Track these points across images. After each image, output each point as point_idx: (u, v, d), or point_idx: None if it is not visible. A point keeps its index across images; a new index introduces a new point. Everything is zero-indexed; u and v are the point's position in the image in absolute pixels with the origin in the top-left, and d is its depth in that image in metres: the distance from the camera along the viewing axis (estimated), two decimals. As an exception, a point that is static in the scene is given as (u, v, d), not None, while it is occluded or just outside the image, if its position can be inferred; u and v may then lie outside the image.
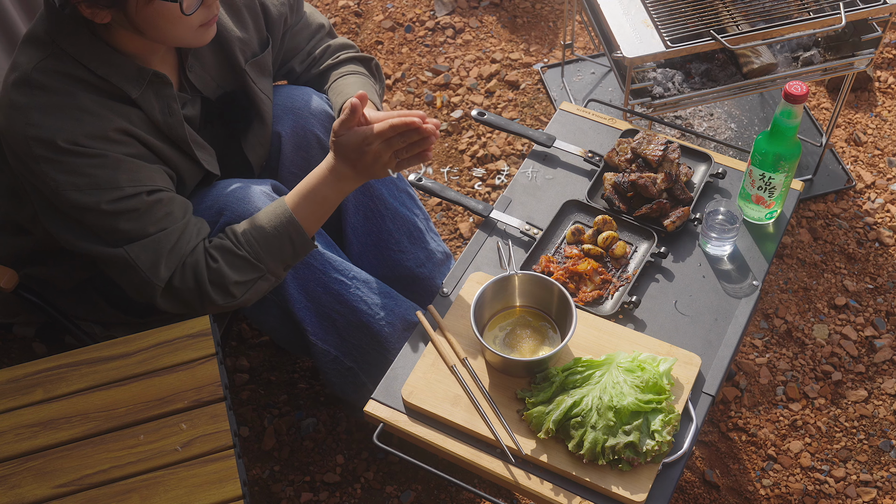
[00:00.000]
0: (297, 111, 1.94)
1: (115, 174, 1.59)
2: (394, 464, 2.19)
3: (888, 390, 2.31)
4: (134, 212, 1.60)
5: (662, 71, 2.35)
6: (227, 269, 1.64)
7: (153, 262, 1.62)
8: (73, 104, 1.57)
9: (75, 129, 1.56)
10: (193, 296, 1.65)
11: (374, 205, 2.02)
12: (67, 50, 1.57)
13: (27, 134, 1.55)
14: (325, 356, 1.92)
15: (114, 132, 1.60)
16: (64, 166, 1.56)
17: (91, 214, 1.58)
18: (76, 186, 1.56)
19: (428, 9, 3.24)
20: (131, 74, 1.62)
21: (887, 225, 2.62)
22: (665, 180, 1.82)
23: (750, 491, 2.17)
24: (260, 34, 1.87)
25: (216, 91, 1.82)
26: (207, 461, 1.47)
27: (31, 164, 1.56)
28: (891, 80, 2.96)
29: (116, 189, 1.58)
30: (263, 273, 1.67)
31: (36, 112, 1.55)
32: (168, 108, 1.68)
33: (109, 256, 1.62)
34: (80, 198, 1.57)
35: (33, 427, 1.51)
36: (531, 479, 1.51)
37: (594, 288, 1.73)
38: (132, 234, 1.61)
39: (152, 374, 1.56)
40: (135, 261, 1.61)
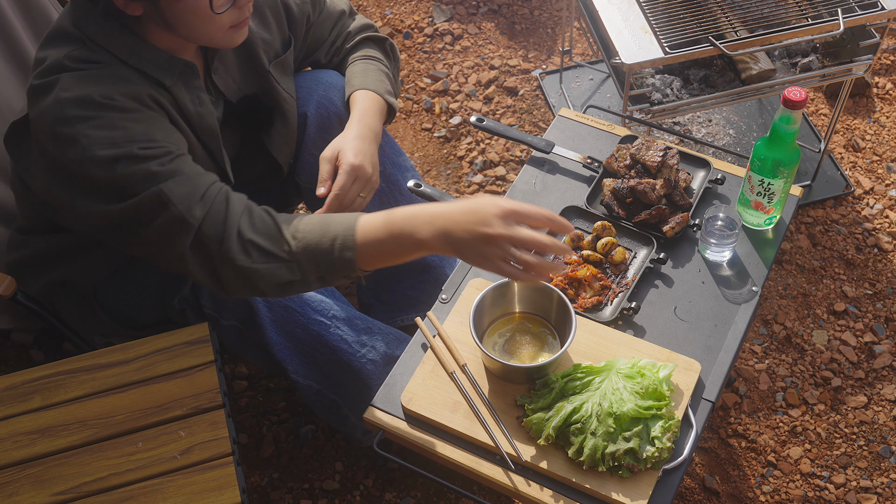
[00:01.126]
0: (320, 92, 1.95)
1: (150, 129, 1.54)
2: (393, 471, 2.19)
3: (888, 396, 2.30)
4: (167, 156, 1.53)
5: (661, 77, 2.35)
6: (260, 226, 1.51)
7: (188, 195, 1.50)
8: (108, 72, 1.55)
9: (111, 88, 1.53)
10: (216, 250, 1.50)
11: (389, 189, 2.03)
12: (99, 42, 1.56)
13: (60, 98, 1.50)
14: (308, 390, 1.92)
15: (148, 97, 1.57)
16: (100, 121, 1.50)
17: (123, 163, 1.49)
18: (111, 140, 1.49)
19: (426, 15, 3.24)
20: (163, 64, 1.61)
21: (886, 230, 2.62)
22: (664, 186, 1.82)
23: (750, 497, 2.16)
24: (282, 34, 1.88)
25: (237, 94, 1.82)
26: (206, 468, 1.46)
27: (64, 128, 1.49)
28: (889, 86, 2.96)
29: (151, 140, 1.53)
30: (291, 260, 1.49)
31: (68, 79, 1.52)
32: (198, 99, 1.68)
33: (141, 202, 1.50)
34: (114, 150, 1.49)
35: (31, 434, 1.51)
36: (531, 486, 1.51)
37: (593, 294, 1.73)
38: (166, 175, 1.51)
39: (151, 382, 1.56)
40: (168, 195, 1.49)
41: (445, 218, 1.42)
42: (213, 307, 1.80)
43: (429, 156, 2.86)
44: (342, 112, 1.95)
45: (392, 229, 1.45)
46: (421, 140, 2.90)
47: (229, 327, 1.82)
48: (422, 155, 2.86)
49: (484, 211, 1.38)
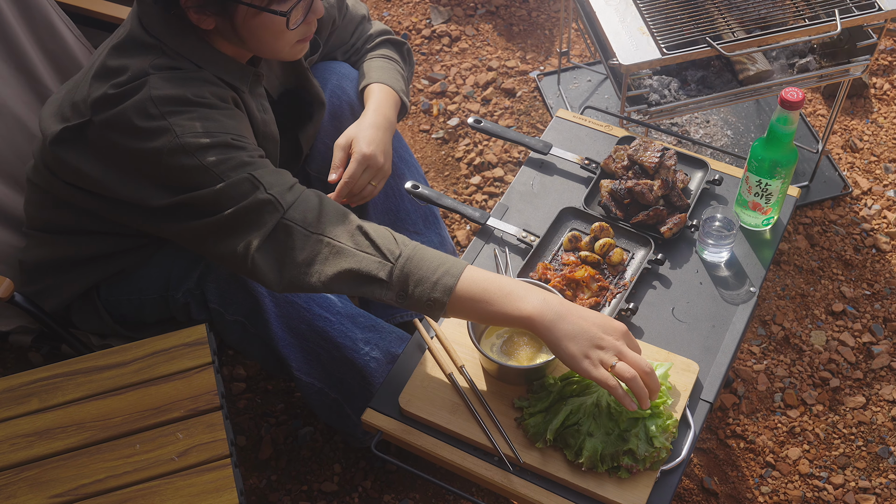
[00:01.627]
0: (333, 82, 1.99)
1: (241, 126, 1.58)
2: (391, 472, 2.19)
3: (886, 396, 2.30)
4: (255, 150, 1.57)
5: (658, 78, 2.35)
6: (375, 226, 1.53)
7: (279, 183, 1.53)
8: (197, 76, 1.58)
9: (202, 88, 1.56)
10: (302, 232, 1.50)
11: (396, 183, 2.05)
12: (178, 50, 1.58)
13: (151, 96, 1.51)
14: (310, 388, 1.92)
15: (232, 101, 1.61)
16: (194, 114, 1.52)
17: (215, 150, 1.51)
18: (206, 130, 1.51)
19: (424, 17, 3.24)
20: (237, 72, 1.65)
21: (884, 231, 2.62)
22: (662, 187, 1.82)
23: (748, 498, 2.16)
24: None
25: (278, 90, 1.86)
26: (204, 470, 1.46)
27: (156, 122, 1.50)
28: (886, 87, 2.96)
29: (242, 136, 1.56)
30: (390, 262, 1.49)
31: (158, 80, 1.53)
32: (262, 106, 1.72)
33: (231, 186, 1.50)
34: (208, 139, 1.50)
35: (29, 437, 1.51)
36: (529, 488, 1.51)
37: (591, 295, 1.73)
38: (257, 165, 1.53)
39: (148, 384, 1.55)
40: (260, 180, 1.50)
41: (565, 305, 1.44)
42: (218, 301, 1.80)
43: (427, 157, 2.86)
44: (354, 102, 1.98)
45: (502, 284, 1.46)
46: (419, 142, 2.90)
47: (233, 322, 1.82)
48: (420, 156, 2.86)
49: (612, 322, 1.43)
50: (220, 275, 1.78)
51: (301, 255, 1.50)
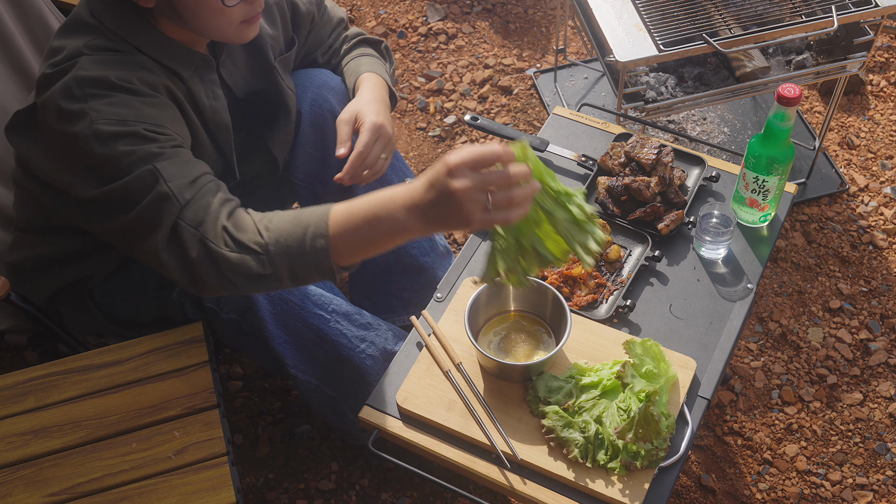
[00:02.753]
0: (314, 88, 1.96)
1: (160, 115, 1.55)
2: (389, 470, 2.19)
3: (883, 393, 2.31)
4: (169, 141, 1.53)
5: (655, 75, 2.35)
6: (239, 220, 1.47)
7: (180, 176, 1.48)
8: (130, 59, 1.56)
9: (129, 73, 1.54)
10: (192, 234, 1.46)
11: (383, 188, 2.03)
12: (117, 31, 1.57)
13: (76, 76, 1.50)
14: (307, 386, 1.92)
15: (164, 88, 1.58)
16: (114, 99, 1.50)
17: (125, 140, 1.48)
18: (120, 118, 1.49)
19: (420, 15, 3.24)
20: (181, 55, 1.62)
21: (881, 228, 2.62)
22: (659, 184, 1.82)
23: (746, 495, 2.16)
24: (287, 32, 1.90)
25: (244, 89, 1.83)
26: (201, 468, 1.46)
27: (76, 104, 1.49)
28: (883, 84, 2.96)
29: (159, 125, 1.53)
30: (262, 252, 1.43)
31: (87, 61, 1.52)
32: (213, 93, 1.69)
33: (135, 180, 1.47)
34: (120, 128, 1.48)
35: (25, 435, 1.50)
36: (527, 485, 1.51)
37: (588, 292, 1.73)
38: (163, 156, 1.49)
39: (145, 382, 1.55)
40: (161, 172, 1.47)
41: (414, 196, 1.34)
42: (213, 300, 1.80)
43: (423, 155, 2.86)
44: (336, 110, 1.95)
45: (368, 215, 1.38)
46: (415, 139, 2.90)
47: (229, 321, 1.82)
48: (416, 154, 2.86)
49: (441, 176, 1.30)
50: None
51: (194, 260, 1.46)
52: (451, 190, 1.28)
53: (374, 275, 2.15)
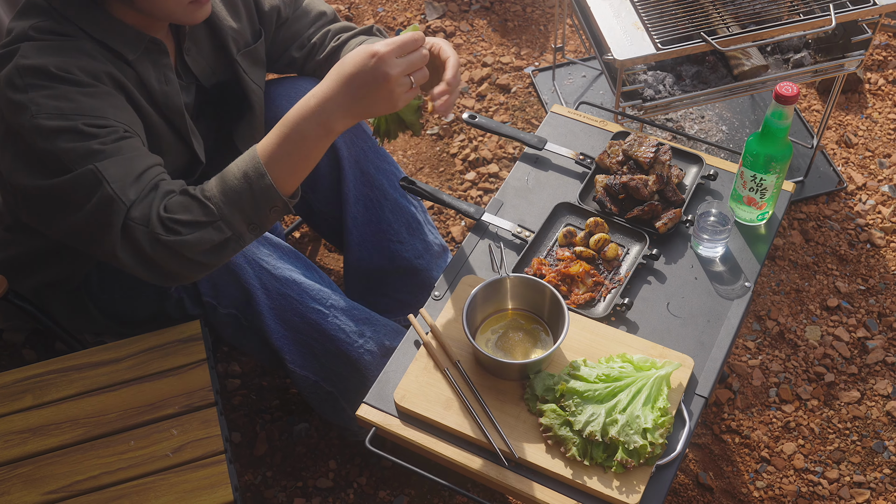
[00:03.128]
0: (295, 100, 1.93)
1: (102, 105, 1.53)
2: (386, 468, 2.19)
3: (881, 391, 2.31)
4: (112, 135, 1.51)
5: (653, 73, 2.35)
6: (175, 204, 1.48)
7: (123, 177, 1.48)
8: (72, 45, 1.55)
9: (69, 61, 1.52)
10: (143, 232, 1.48)
11: (374, 195, 2.03)
12: (65, 14, 1.56)
13: (17, 65, 1.50)
14: (305, 381, 1.92)
15: (106, 76, 1.57)
16: (53, 91, 1.50)
17: (66, 136, 1.48)
18: (60, 111, 1.49)
19: (419, 13, 3.23)
20: (129, 38, 1.61)
21: (878, 226, 2.62)
22: (656, 182, 1.82)
23: (744, 493, 2.16)
24: (253, 25, 1.88)
25: (210, 78, 1.82)
26: (198, 466, 1.46)
27: (17, 94, 1.49)
28: (881, 82, 2.96)
29: (100, 117, 1.52)
30: (216, 219, 1.47)
31: (29, 49, 1.52)
32: (164, 77, 1.67)
33: (77, 180, 1.48)
34: (61, 122, 1.48)
35: (23, 433, 1.50)
36: (525, 483, 1.51)
37: (586, 290, 1.73)
38: (105, 155, 1.49)
39: (143, 380, 1.55)
40: (103, 173, 1.47)
41: (335, 94, 1.41)
42: (211, 295, 1.79)
43: (421, 153, 2.86)
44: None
45: (292, 133, 1.44)
46: (413, 138, 2.90)
47: (227, 316, 1.82)
48: (414, 153, 2.86)
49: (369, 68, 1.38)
50: None
51: (153, 255, 1.48)
52: (385, 77, 1.37)
53: (368, 279, 2.15)
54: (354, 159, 2.00)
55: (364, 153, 2.02)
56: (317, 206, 2.06)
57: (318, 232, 2.26)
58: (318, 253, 2.61)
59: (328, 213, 2.06)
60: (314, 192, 2.03)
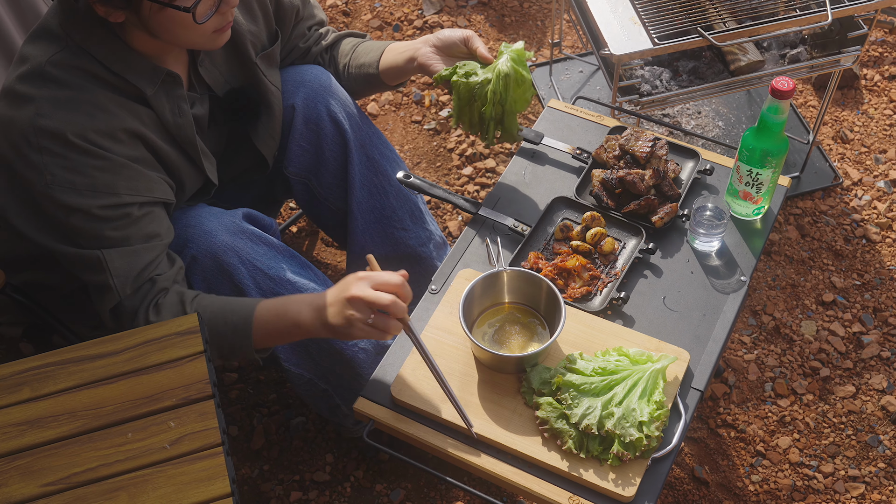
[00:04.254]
0: (307, 84, 1.96)
1: (115, 179, 1.58)
2: (384, 462, 2.19)
3: (876, 386, 2.32)
4: (123, 220, 1.60)
5: (650, 68, 2.35)
6: (166, 311, 1.64)
7: (125, 272, 1.61)
8: (87, 99, 1.56)
9: (85, 124, 1.55)
10: (128, 318, 1.65)
11: (380, 181, 2.03)
12: (82, 45, 1.57)
13: (36, 124, 1.52)
14: (300, 379, 1.92)
15: (122, 132, 1.59)
16: (67, 162, 1.54)
17: (78, 216, 1.57)
18: (73, 186, 1.54)
19: (416, 8, 3.23)
20: (146, 73, 1.62)
21: (874, 221, 2.63)
22: (653, 177, 1.82)
23: (739, 487, 2.17)
24: (269, 27, 1.89)
25: (224, 86, 1.82)
26: (196, 459, 1.46)
27: (33, 154, 1.53)
28: (877, 78, 2.97)
29: (113, 195, 1.57)
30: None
31: (47, 103, 1.53)
32: (178, 109, 1.68)
33: (81, 257, 1.60)
34: (74, 199, 1.55)
35: (20, 426, 1.50)
36: (521, 476, 1.51)
37: (583, 284, 1.74)
38: (114, 242, 1.60)
39: (140, 372, 1.55)
40: (108, 264, 1.60)
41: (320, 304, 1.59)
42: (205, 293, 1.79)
43: (418, 148, 2.86)
44: (329, 103, 1.95)
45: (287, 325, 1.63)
46: (411, 132, 2.90)
47: None
48: (411, 147, 2.86)
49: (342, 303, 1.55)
50: (206, 266, 1.77)
51: (134, 324, 1.65)
52: (347, 297, 1.54)
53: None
54: (360, 144, 2.01)
55: (369, 139, 2.03)
56: (320, 193, 2.05)
57: (318, 223, 2.26)
58: (315, 248, 2.62)
59: (331, 199, 2.06)
60: (318, 178, 2.02)
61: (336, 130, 1.97)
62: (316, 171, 2.02)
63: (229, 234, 1.75)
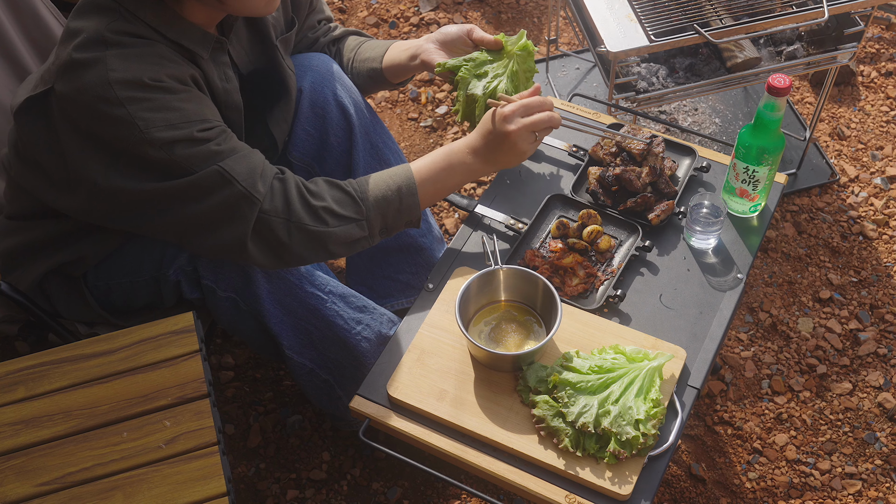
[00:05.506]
0: (314, 69, 1.99)
1: (201, 108, 1.59)
2: (380, 460, 2.19)
3: (872, 383, 2.32)
4: (222, 135, 1.59)
5: (647, 66, 2.35)
6: (326, 194, 1.64)
7: (250, 172, 1.58)
8: (152, 51, 1.56)
9: (158, 70, 1.55)
10: (281, 222, 1.60)
11: (382, 168, 2.03)
12: (135, 13, 1.56)
13: (109, 78, 1.51)
14: (301, 368, 1.92)
15: (190, 79, 1.61)
16: (154, 103, 1.53)
17: (182, 145, 1.54)
18: (168, 122, 1.53)
19: (412, 4, 3.23)
20: (199, 38, 1.64)
21: (871, 218, 2.63)
22: (649, 174, 1.82)
23: (736, 484, 2.17)
24: (286, 14, 1.92)
25: (248, 66, 1.84)
26: (191, 458, 1.46)
27: (116, 109, 1.51)
28: (874, 75, 2.97)
29: (205, 120, 1.58)
30: (362, 218, 1.66)
31: (116, 59, 1.52)
32: (225, 75, 1.71)
33: (201, 180, 1.55)
34: (173, 133, 1.53)
35: (15, 425, 1.50)
36: (517, 474, 1.51)
37: (579, 282, 1.73)
38: (224, 154, 1.58)
39: (135, 371, 1.55)
40: (231, 173, 1.56)
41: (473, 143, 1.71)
42: (211, 277, 1.79)
43: (415, 145, 2.85)
44: (336, 88, 1.99)
45: (444, 165, 1.71)
46: (407, 130, 2.90)
47: (225, 299, 1.81)
48: (408, 144, 2.86)
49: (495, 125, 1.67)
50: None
51: (289, 243, 1.62)
52: (506, 133, 1.66)
53: (370, 257, 2.15)
54: (365, 131, 2.02)
55: (373, 126, 2.05)
56: None
57: None
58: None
59: None
60: (321, 164, 2.03)
61: (342, 115, 1.99)
62: (319, 158, 2.03)
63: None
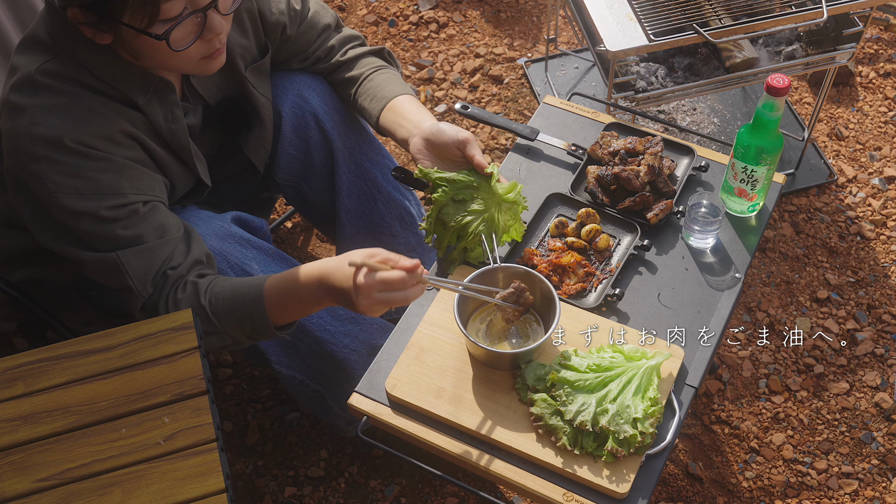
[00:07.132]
0: (295, 91, 1.94)
1: (119, 179, 1.56)
2: (378, 458, 2.19)
3: (869, 383, 2.32)
4: (132, 217, 1.58)
5: (646, 65, 2.35)
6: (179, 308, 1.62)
7: (143, 271, 1.59)
8: (80, 104, 1.55)
9: (81, 129, 1.53)
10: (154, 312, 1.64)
11: (368, 188, 2.02)
12: (71, 54, 1.54)
13: (31, 133, 1.51)
14: (291, 380, 1.92)
15: (119, 134, 1.58)
16: (68, 168, 1.52)
17: (87, 220, 1.55)
18: (77, 191, 1.53)
19: (412, 3, 3.23)
20: (136, 80, 1.60)
21: (868, 219, 2.63)
22: (648, 173, 1.82)
23: (733, 483, 2.18)
24: (259, 40, 1.86)
25: (216, 95, 1.80)
26: (190, 454, 1.46)
27: (32, 164, 1.52)
28: (872, 75, 2.97)
29: (119, 195, 1.56)
30: (218, 332, 1.63)
31: (41, 111, 1.52)
32: (171, 115, 1.67)
33: (99, 261, 1.58)
34: (80, 203, 1.54)
35: (14, 421, 1.50)
36: (515, 472, 1.52)
37: (577, 281, 1.74)
38: (127, 241, 1.58)
39: (134, 368, 1.54)
40: (125, 266, 1.58)
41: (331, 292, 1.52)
42: None
43: (414, 144, 2.86)
44: (317, 111, 1.94)
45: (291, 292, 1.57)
46: (406, 128, 2.90)
47: None
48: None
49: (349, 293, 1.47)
50: None
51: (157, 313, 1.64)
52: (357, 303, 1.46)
53: None
54: (349, 151, 2.00)
55: (358, 145, 2.01)
56: (310, 197, 2.05)
57: (311, 221, 2.26)
58: (310, 243, 2.61)
59: (322, 203, 2.06)
60: (307, 183, 2.02)
61: (323, 139, 1.96)
62: (305, 177, 2.02)
63: (218, 238, 1.75)
